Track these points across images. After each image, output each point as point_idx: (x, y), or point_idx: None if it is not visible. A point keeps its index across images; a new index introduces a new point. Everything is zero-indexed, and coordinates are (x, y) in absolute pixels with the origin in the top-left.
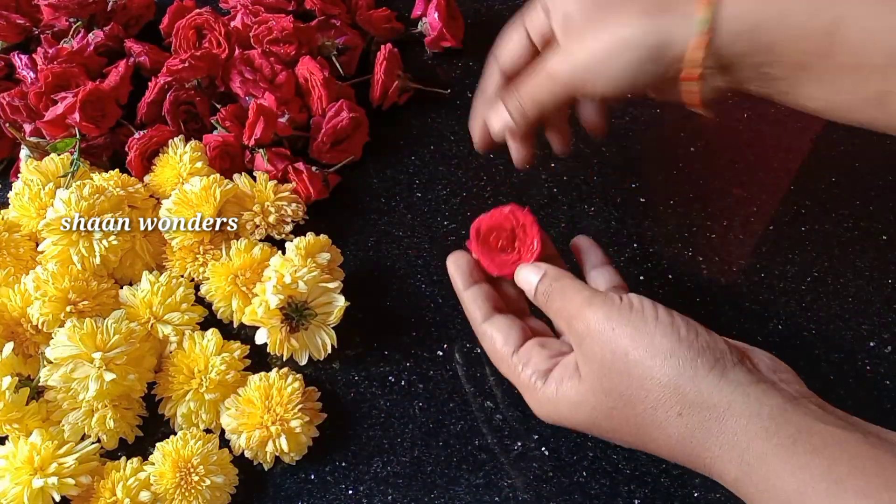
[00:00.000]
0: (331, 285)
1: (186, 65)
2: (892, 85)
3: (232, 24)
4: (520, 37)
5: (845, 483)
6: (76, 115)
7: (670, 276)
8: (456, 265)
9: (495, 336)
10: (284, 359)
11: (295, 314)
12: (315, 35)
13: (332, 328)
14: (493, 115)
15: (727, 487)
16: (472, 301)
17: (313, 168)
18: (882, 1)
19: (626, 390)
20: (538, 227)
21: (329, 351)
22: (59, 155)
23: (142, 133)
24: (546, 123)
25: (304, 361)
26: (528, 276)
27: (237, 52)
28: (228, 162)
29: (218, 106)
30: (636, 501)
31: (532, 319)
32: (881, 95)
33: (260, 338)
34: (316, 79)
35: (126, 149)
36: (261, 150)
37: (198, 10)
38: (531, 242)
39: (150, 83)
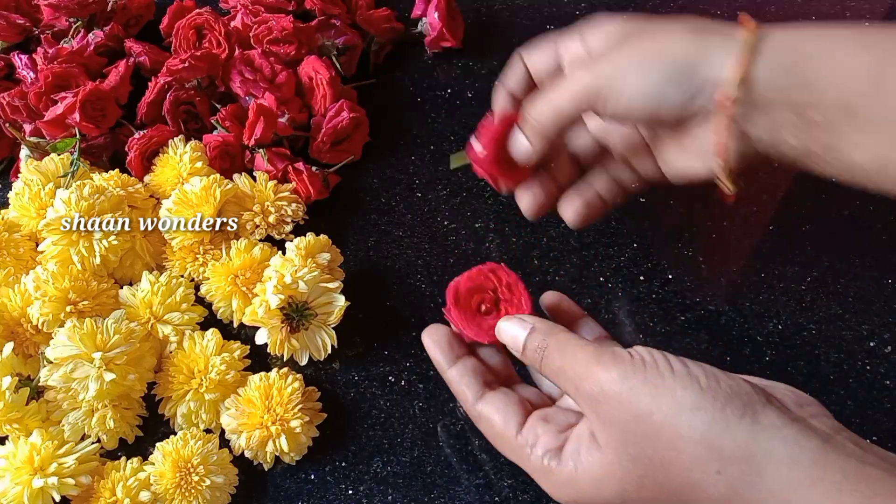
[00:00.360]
0: (331, 285)
1: (186, 65)
2: None
3: (232, 24)
4: (551, 51)
5: None
6: (76, 115)
7: (670, 276)
8: (434, 341)
9: (493, 417)
10: (285, 359)
11: (295, 314)
12: (315, 35)
13: (333, 328)
14: (515, 142)
15: None
16: (460, 380)
17: (313, 168)
18: None
19: (656, 454)
20: (523, 284)
21: (329, 351)
22: (58, 155)
23: (142, 133)
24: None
25: (304, 361)
26: (513, 332)
27: (237, 52)
28: (228, 162)
29: (218, 106)
30: None
31: (524, 388)
32: None
33: (260, 338)
34: (322, 78)
35: (126, 149)
36: (261, 151)
37: (198, 10)
38: (519, 301)
39: (150, 83)
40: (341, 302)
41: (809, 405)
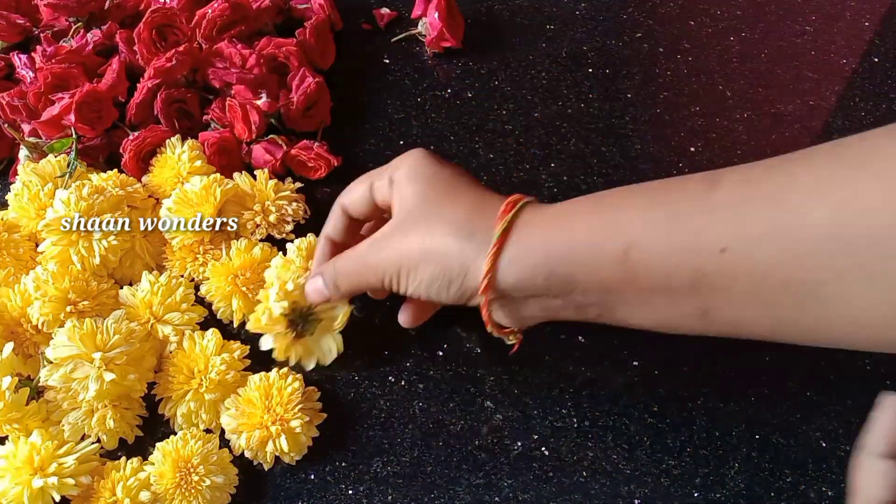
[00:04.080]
0: None
1: (174, 62)
2: (708, 301)
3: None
4: (364, 192)
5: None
6: (72, 116)
7: None
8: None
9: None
10: (291, 365)
11: (300, 320)
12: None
13: (339, 333)
14: (310, 282)
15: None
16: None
17: (314, 143)
18: (668, 219)
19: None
20: None
21: (335, 356)
22: (55, 156)
23: (135, 134)
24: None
25: (310, 367)
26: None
27: (205, 46)
28: (226, 158)
29: (210, 97)
30: (636, 501)
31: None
32: (701, 312)
33: (265, 344)
34: (289, 50)
35: (121, 150)
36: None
37: (153, 9)
38: None
39: (138, 84)
40: (345, 307)
41: None
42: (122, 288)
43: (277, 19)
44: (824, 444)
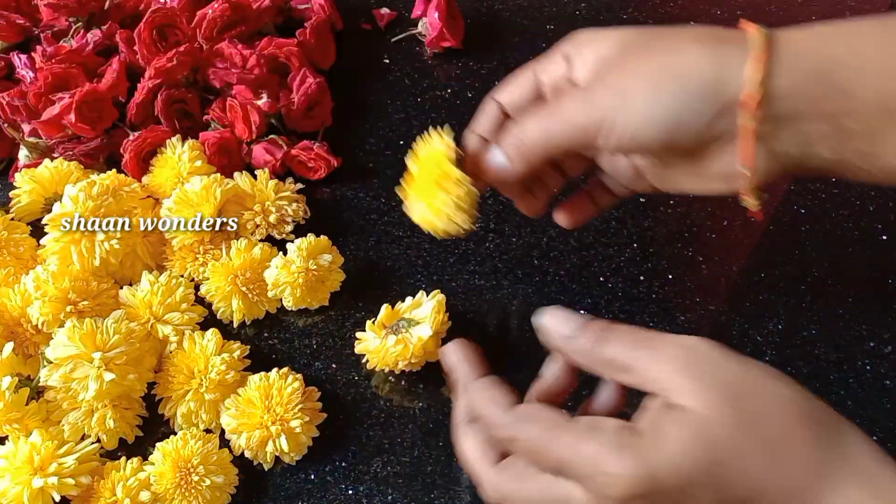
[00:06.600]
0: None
1: (175, 63)
2: None
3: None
4: (529, 82)
5: None
6: (72, 116)
7: (670, 276)
8: (460, 357)
9: (540, 413)
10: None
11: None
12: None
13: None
14: (486, 156)
15: None
16: (492, 386)
17: (314, 144)
18: None
19: (754, 407)
20: None
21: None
22: (52, 161)
23: (136, 134)
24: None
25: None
26: (562, 320)
27: (206, 46)
28: (226, 158)
29: (211, 98)
30: None
31: None
32: None
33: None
34: (290, 50)
35: (121, 151)
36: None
37: (153, 9)
38: None
39: (139, 84)
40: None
41: None
42: (122, 288)
43: (278, 19)
44: None
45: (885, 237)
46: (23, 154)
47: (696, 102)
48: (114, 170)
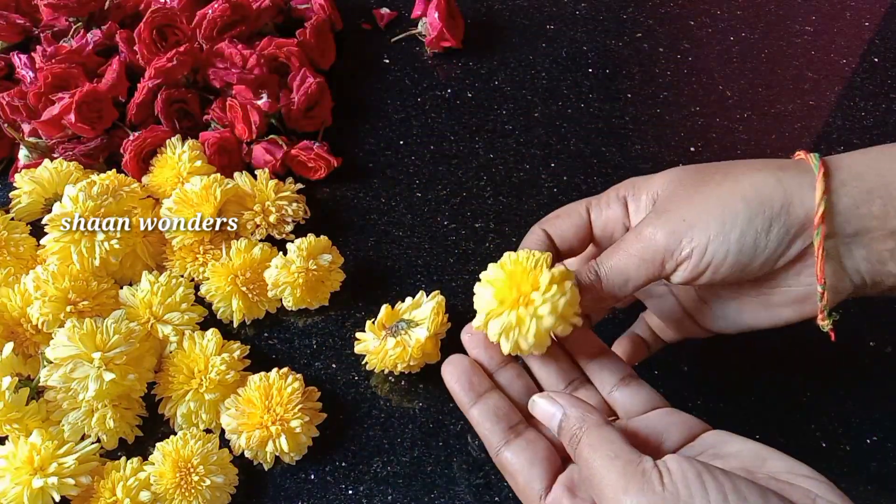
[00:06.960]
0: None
1: (175, 63)
2: None
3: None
4: (580, 219)
5: None
6: (72, 116)
7: None
8: (455, 377)
9: (517, 476)
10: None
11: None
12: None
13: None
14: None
15: None
16: (482, 423)
17: (314, 144)
18: None
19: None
20: None
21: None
22: (52, 161)
23: (135, 134)
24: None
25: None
26: (548, 411)
27: (206, 46)
28: (226, 158)
29: (211, 98)
30: None
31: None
32: None
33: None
34: (290, 50)
35: (121, 150)
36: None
37: (153, 9)
38: None
39: (139, 84)
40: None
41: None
42: (122, 288)
43: (278, 19)
44: (824, 444)
45: None
46: (23, 154)
47: (770, 225)
48: (114, 170)
